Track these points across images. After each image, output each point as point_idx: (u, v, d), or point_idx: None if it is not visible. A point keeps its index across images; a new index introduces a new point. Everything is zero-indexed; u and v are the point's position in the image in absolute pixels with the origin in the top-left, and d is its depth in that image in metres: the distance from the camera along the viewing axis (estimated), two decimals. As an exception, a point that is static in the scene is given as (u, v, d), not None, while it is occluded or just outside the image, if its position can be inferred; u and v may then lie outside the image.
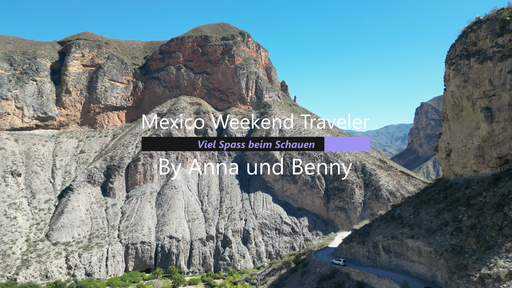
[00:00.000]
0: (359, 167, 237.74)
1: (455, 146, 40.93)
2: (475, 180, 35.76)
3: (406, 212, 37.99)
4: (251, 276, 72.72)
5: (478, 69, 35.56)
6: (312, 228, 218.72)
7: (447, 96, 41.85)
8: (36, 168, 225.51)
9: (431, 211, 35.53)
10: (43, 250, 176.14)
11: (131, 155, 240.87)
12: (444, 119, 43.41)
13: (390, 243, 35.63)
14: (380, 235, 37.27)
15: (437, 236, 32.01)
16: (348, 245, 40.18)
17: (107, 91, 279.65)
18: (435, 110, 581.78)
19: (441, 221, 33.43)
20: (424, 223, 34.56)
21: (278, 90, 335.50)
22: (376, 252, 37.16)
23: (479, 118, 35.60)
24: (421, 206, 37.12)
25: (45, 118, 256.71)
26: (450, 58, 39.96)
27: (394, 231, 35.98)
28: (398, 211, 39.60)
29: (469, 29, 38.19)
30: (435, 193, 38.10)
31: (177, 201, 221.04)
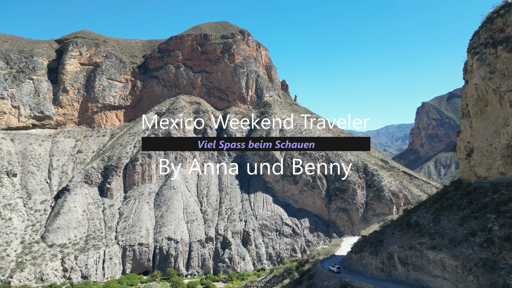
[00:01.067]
0: (361, 167, 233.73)
1: (478, 145, 36.63)
2: (503, 183, 31.79)
3: (425, 219, 33.95)
4: (251, 283, 68.71)
5: (507, 59, 31.44)
6: (313, 229, 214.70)
7: (469, 90, 37.57)
8: (32, 168, 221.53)
9: (454, 218, 31.49)
10: (39, 252, 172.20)
11: (129, 155, 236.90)
12: (463, 115, 39.19)
13: (407, 254, 31.59)
14: (396, 245, 33.24)
15: (464, 248, 27.99)
16: (358, 255, 36.44)
17: (105, 90, 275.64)
18: (436, 110, 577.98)
19: (467, 231, 29.39)
20: (447, 232, 30.53)
21: (278, 89, 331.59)
22: (391, 264, 33.18)
23: (508, 113, 31.57)
24: (442, 212, 33.12)
25: (42, 118, 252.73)
26: (474, 47, 35.75)
27: (412, 240, 31.93)
28: (415, 218, 35.57)
29: (495, 14, 34.18)
30: (457, 198, 34.07)
31: (176, 202, 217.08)
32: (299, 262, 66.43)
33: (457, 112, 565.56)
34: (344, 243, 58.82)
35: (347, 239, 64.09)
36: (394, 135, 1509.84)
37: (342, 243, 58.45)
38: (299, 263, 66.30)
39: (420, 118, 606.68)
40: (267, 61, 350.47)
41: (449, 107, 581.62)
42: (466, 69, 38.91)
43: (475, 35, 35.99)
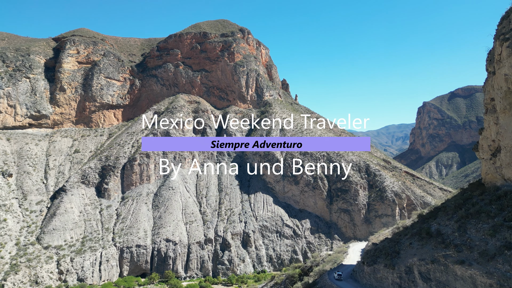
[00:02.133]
0: (363, 167, 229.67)
1: (505, 144, 32.51)
2: (539, 187, 27.62)
3: (448, 228, 29.95)
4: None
5: (544, 44, 27.22)
6: (315, 230, 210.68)
7: (497, 81, 33.41)
8: (28, 168, 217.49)
9: (484, 227, 27.50)
10: (34, 254, 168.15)
11: (127, 155, 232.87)
12: (487, 111, 35.02)
13: (429, 268, 27.62)
14: (415, 257, 29.27)
15: (499, 264, 24.04)
16: (371, 268, 32.64)
17: (103, 89, 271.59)
18: (437, 109, 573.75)
19: (500, 242, 25.41)
20: (476, 244, 26.52)
21: (279, 89, 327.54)
22: (410, 280, 29.25)
23: (544, 108, 27.24)
24: (468, 220, 29.11)
25: (38, 117, 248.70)
26: (503, 33, 31.63)
27: (434, 252, 27.95)
28: (436, 226, 31.60)
29: (529, -8, 30.03)
30: (484, 204, 30.06)
31: (175, 202, 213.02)
32: (302, 269, 62.40)
33: (459, 112, 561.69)
34: (352, 250, 54.77)
35: (354, 244, 59.98)
36: (394, 135, 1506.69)
37: (349, 250, 54.35)
38: (302, 270, 62.28)
39: (421, 118, 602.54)
40: (268, 60, 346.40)
41: (451, 107, 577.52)
42: (491, 59, 34.81)
43: (504, 19, 31.95)
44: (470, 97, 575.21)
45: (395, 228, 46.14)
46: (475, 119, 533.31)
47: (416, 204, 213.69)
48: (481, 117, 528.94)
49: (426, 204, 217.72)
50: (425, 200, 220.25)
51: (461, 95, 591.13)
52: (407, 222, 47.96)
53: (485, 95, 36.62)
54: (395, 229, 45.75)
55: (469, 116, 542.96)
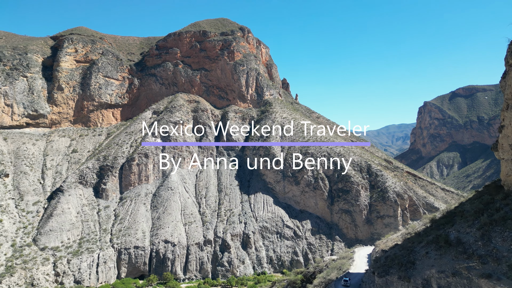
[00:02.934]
0: (365, 167, 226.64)
1: (531, 142, 29.18)
2: None
3: (469, 236, 26.97)
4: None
5: None
6: (315, 231, 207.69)
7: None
8: (25, 168, 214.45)
9: (511, 236, 24.30)
10: (30, 255, 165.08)
11: (125, 155, 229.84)
12: (508, 107, 31.92)
13: (450, 282, 24.70)
14: (433, 269, 26.32)
15: (533, 279, 20.72)
16: (383, 280, 29.73)
17: (101, 88, 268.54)
18: (438, 109, 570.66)
19: (533, 254, 22.14)
20: (504, 255, 23.59)
21: (279, 88, 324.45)
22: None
23: None
24: (492, 227, 26.12)
25: (36, 116, 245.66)
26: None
27: (455, 264, 24.99)
28: (455, 233, 28.62)
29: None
30: (510, 209, 26.93)
31: (173, 203, 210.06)
32: (304, 275, 59.40)
33: (460, 112, 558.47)
34: (357, 255, 51.69)
35: (359, 249, 56.89)
36: (394, 135, 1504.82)
37: (355, 256, 51.28)
38: (304, 276, 59.29)
39: (422, 118, 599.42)
40: (268, 59, 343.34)
41: (452, 107, 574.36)
42: None
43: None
44: (471, 97, 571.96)
45: (405, 234, 43.11)
46: (476, 119, 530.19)
47: (418, 205, 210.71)
48: (483, 117, 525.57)
49: (429, 205, 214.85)
50: (428, 201, 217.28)
51: (462, 95, 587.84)
52: (417, 227, 45.11)
53: (505, 89, 33.60)
54: (405, 234, 42.76)
55: (470, 116, 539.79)
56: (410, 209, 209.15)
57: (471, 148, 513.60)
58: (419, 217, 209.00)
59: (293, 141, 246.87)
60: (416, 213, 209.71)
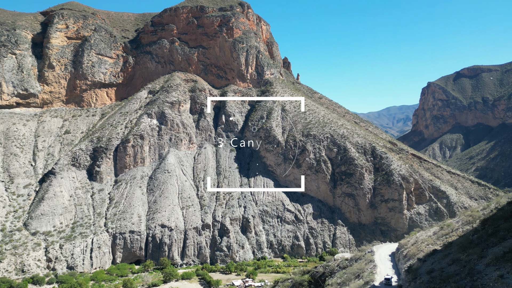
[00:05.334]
0: (369, 149, 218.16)
1: None
2: None
3: None
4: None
5: None
6: (317, 216, 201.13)
7: None
8: (15, 149, 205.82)
9: None
10: (20, 240, 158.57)
11: (120, 136, 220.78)
12: None
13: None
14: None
15: None
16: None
17: (94, 66, 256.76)
18: (442, 90, 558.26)
19: None
20: None
21: (280, 67, 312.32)
22: None
23: None
24: None
25: (26, 96, 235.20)
26: None
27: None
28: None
29: None
30: None
31: (170, 186, 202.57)
32: (312, 275, 51.45)
33: (464, 93, 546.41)
34: (378, 256, 43.04)
35: (378, 248, 48.47)
36: (395, 117, 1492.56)
37: (375, 257, 42.70)
38: (312, 277, 51.33)
39: (425, 99, 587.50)
40: (268, 36, 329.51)
41: (456, 87, 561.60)
42: None
43: None
44: (476, 77, 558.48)
45: (442, 235, 34.81)
46: (480, 99, 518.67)
47: (424, 188, 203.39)
48: (487, 98, 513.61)
49: (435, 188, 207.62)
50: (434, 184, 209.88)
51: (466, 75, 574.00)
52: (457, 226, 36.85)
53: None
54: (442, 236, 34.46)
55: (474, 97, 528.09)
56: (415, 193, 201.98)
57: (474, 129, 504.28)
58: (425, 201, 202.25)
59: (295, 123, 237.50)
60: (422, 197, 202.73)
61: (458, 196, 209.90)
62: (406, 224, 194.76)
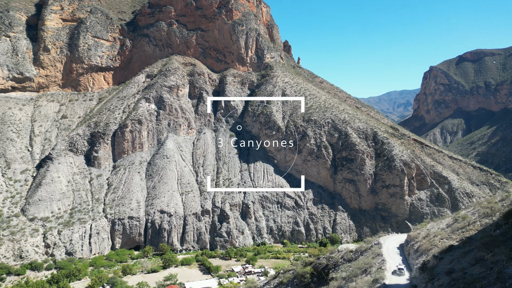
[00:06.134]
0: (370, 135, 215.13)
1: None
2: None
3: None
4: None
5: None
6: (317, 201, 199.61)
7: None
8: (11, 134, 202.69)
9: None
10: (18, 226, 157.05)
11: (117, 121, 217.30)
12: None
13: None
14: None
15: None
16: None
17: (91, 49, 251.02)
18: (445, 74, 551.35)
19: None
20: None
21: (280, 50, 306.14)
22: None
23: None
24: None
25: (21, 79, 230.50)
26: None
27: None
28: None
29: None
30: None
31: (169, 172, 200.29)
32: (315, 267, 49.17)
33: (467, 77, 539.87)
34: (386, 250, 40.42)
35: (385, 239, 45.81)
36: (396, 102, 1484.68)
37: (383, 250, 40.07)
38: (314, 269, 49.06)
39: (427, 83, 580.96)
40: (269, 19, 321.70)
41: (458, 72, 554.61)
42: None
43: None
44: (479, 61, 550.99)
45: (457, 228, 32.17)
46: (483, 84, 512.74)
47: (426, 174, 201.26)
48: (490, 82, 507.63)
49: (437, 174, 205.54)
50: (436, 169, 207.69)
51: (469, 59, 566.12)
52: (473, 218, 34.25)
53: None
54: (458, 229, 31.81)
55: (477, 81, 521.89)
56: (417, 178, 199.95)
57: (476, 114, 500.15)
58: (426, 187, 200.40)
59: (295, 108, 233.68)
60: (423, 183, 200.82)
61: (460, 181, 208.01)
62: (407, 210, 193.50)
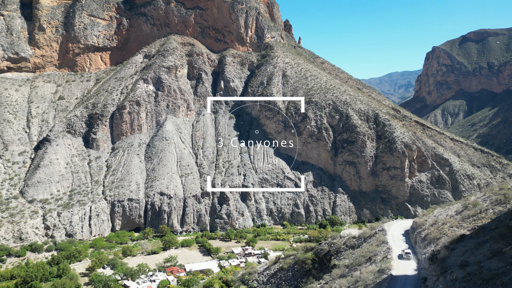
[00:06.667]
0: (371, 116, 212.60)
1: None
2: None
3: None
4: (249, 276, 51.33)
5: None
6: (317, 184, 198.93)
7: None
8: (8, 116, 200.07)
9: None
10: (17, 208, 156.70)
11: (115, 102, 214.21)
12: None
13: None
14: None
15: None
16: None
17: (87, 28, 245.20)
18: (448, 54, 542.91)
19: None
20: None
21: (281, 30, 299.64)
22: None
23: None
24: None
25: (17, 60, 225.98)
26: None
27: None
28: None
29: None
30: None
31: (169, 154, 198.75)
32: (316, 253, 47.96)
33: (470, 58, 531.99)
34: (391, 237, 38.81)
35: (390, 226, 44.02)
36: (397, 83, 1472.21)
37: (388, 237, 38.64)
38: (316, 255, 47.86)
39: (429, 64, 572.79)
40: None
41: (461, 52, 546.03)
42: None
43: None
44: (483, 42, 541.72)
45: (468, 216, 30.57)
46: (486, 65, 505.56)
47: (427, 156, 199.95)
48: (493, 63, 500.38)
49: (438, 156, 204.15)
50: (437, 152, 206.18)
51: (473, 40, 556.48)
52: (484, 205, 32.70)
53: None
54: (469, 217, 30.22)
55: (480, 62, 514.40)
56: (418, 161, 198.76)
57: (478, 96, 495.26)
58: (427, 169, 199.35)
59: (296, 89, 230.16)
60: (424, 165, 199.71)
61: (461, 163, 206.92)
62: (407, 192, 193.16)
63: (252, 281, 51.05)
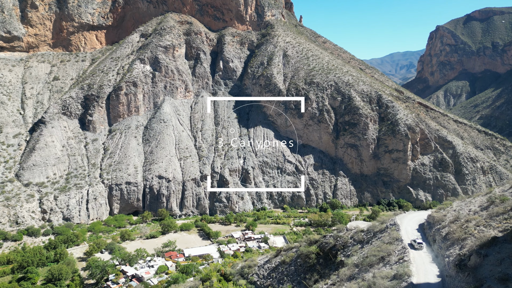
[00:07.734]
0: (374, 98, 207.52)
1: None
2: None
3: None
4: (249, 269, 48.29)
5: None
6: (318, 167, 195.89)
7: None
8: (2, 97, 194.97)
9: None
10: (12, 192, 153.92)
11: (112, 83, 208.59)
12: None
13: None
14: None
15: None
16: None
17: (81, 6, 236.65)
18: (452, 34, 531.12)
19: None
20: None
21: (282, 8, 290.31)
22: None
23: None
24: None
25: (9, 39, 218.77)
26: None
27: None
28: None
29: None
30: None
31: (167, 136, 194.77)
32: (321, 247, 44.66)
33: (474, 37, 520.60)
34: (405, 232, 34.94)
35: (402, 219, 40.05)
36: (398, 63, 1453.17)
37: (401, 233, 34.87)
38: (320, 248, 44.57)
39: (432, 44, 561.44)
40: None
41: (465, 31, 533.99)
42: None
43: None
44: (487, 21, 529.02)
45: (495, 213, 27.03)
46: (490, 45, 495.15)
47: (430, 139, 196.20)
48: (497, 43, 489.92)
49: (441, 138, 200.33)
50: (440, 134, 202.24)
51: (477, 18, 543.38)
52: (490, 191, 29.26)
53: None
54: (497, 215, 26.68)
55: (484, 42, 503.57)
56: (421, 143, 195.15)
57: (481, 76, 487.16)
58: (430, 152, 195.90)
59: (297, 69, 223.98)
60: (427, 147, 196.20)
61: (464, 146, 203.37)
62: (410, 175, 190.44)
63: (252, 274, 48.09)
